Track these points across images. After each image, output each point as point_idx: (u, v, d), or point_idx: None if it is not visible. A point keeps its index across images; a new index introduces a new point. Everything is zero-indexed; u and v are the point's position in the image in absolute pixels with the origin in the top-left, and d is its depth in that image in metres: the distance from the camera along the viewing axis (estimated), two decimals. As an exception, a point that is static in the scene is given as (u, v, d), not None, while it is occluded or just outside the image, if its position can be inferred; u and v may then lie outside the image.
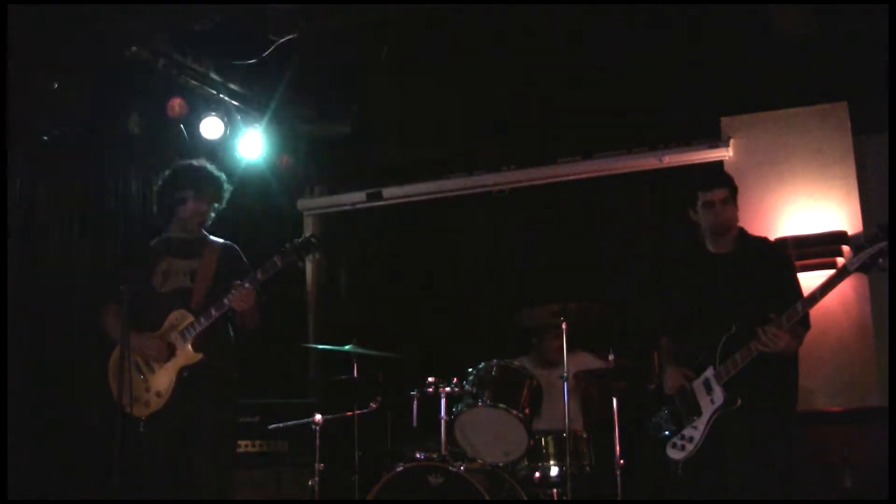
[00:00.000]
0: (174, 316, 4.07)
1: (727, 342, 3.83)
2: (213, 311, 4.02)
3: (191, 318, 4.05)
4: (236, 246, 4.38)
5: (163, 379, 4.02)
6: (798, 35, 5.39)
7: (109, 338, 4.14)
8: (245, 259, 4.33)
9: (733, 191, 4.08)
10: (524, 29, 5.69)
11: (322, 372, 6.84)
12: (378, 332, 6.25)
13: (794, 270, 4.10)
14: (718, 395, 3.83)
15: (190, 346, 4.04)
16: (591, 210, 6.53)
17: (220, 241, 4.36)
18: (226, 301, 3.99)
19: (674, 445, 3.96)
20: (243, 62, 5.64)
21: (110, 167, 5.65)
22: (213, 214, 4.35)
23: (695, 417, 3.90)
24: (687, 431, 3.92)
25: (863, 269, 3.57)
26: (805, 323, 3.86)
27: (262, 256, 4.19)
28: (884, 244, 3.48)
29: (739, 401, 3.78)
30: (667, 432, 4.01)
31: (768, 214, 5.81)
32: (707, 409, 3.87)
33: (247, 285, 3.99)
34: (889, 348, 5.18)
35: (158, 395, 4.01)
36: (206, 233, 4.35)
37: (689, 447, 3.88)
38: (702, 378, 3.92)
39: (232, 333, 4.24)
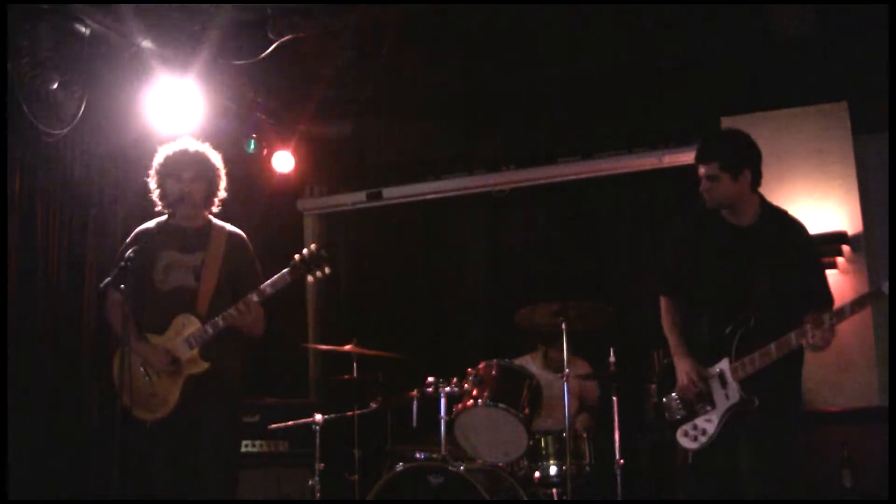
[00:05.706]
0: (180, 320, 3.94)
1: (745, 335, 3.64)
2: (219, 322, 3.89)
3: (197, 325, 3.91)
4: (243, 234, 4.21)
5: (169, 386, 3.91)
6: (798, 35, 5.38)
7: (112, 331, 4.07)
8: (252, 249, 4.19)
9: (727, 166, 3.70)
10: (524, 28, 5.69)
11: (322, 372, 6.85)
12: (378, 332, 6.26)
13: (817, 254, 3.87)
14: (734, 391, 3.65)
15: (197, 354, 3.91)
16: (591, 210, 6.53)
17: (228, 228, 4.18)
18: (232, 313, 3.87)
19: (685, 434, 3.78)
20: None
21: (111, 165, 5.65)
22: (216, 199, 4.17)
23: (708, 408, 3.72)
24: (700, 423, 3.74)
25: None
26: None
27: (260, 258, 4.16)
28: None
29: (757, 401, 3.60)
30: (678, 416, 3.82)
31: (768, 214, 5.81)
32: (721, 403, 3.69)
33: (254, 299, 3.87)
34: (889, 348, 5.17)
35: (165, 401, 3.90)
36: (212, 218, 4.19)
37: (703, 439, 3.72)
38: (716, 369, 3.72)
39: (239, 336, 4.10)
